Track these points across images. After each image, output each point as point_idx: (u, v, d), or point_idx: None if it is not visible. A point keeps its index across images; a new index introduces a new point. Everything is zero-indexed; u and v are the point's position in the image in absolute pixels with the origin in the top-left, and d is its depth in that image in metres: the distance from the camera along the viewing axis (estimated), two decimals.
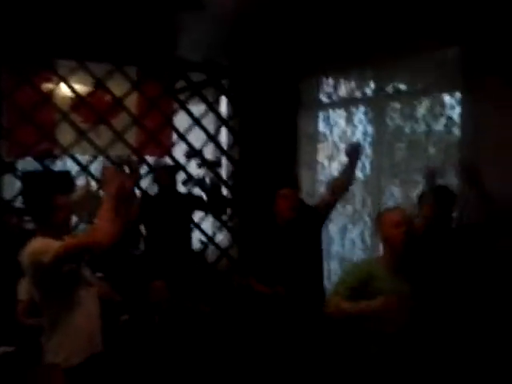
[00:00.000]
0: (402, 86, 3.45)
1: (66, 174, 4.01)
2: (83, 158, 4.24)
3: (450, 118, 3.08)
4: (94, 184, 4.14)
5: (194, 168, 4.66)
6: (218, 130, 4.81)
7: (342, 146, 3.86)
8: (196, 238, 4.58)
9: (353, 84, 3.80)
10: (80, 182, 4.14)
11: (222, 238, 5.02)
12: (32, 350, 2.68)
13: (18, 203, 4.06)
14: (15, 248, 3.33)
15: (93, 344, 2.47)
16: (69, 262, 2.32)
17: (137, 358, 3.01)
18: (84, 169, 4.15)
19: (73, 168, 4.29)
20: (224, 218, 4.78)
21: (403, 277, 2.46)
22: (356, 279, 2.42)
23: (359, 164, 3.29)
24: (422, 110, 3.23)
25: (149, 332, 3.21)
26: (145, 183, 4.57)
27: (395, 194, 3.48)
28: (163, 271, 3.52)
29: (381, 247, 2.60)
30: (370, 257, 3.46)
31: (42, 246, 2.30)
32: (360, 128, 3.69)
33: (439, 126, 3.12)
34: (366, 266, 2.53)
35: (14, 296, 3.07)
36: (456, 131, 3.03)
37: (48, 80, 4.00)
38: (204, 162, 4.65)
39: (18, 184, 4.25)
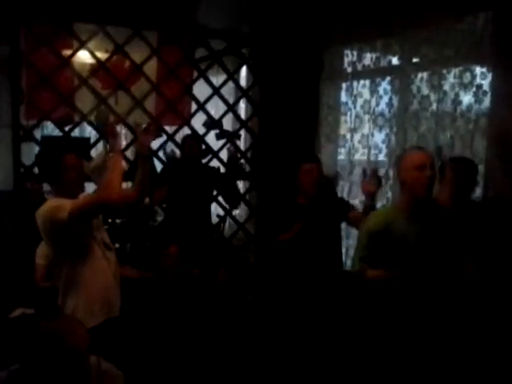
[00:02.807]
0: (430, 55, 3.31)
1: (84, 140, 4.00)
2: None
3: (479, 87, 2.95)
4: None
5: (212, 139, 4.61)
6: (237, 101, 4.73)
7: (366, 118, 3.77)
8: (213, 212, 4.55)
9: (378, 53, 3.67)
10: (98, 149, 4.13)
11: (238, 212, 4.98)
12: (51, 313, 2.69)
13: (37, 169, 4.08)
14: (34, 214, 3.33)
15: (109, 308, 2.47)
16: (83, 220, 2.32)
17: (150, 324, 3.01)
18: (103, 136, 4.12)
19: (92, 135, 4.28)
20: (242, 190, 4.75)
21: (422, 221, 2.35)
22: (372, 236, 2.37)
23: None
24: (450, 78, 3.10)
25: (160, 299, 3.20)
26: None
27: None
28: (179, 239, 3.49)
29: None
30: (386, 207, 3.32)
31: (56, 204, 2.31)
32: (385, 99, 3.58)
33: (468, 95, 3.00)
34: (381, 217, 2.43)
35: (32, 261, 3.09)
36: (486, 101, 2.91)
37: (67, 44, 3.94)
38: (223, 133, 4.60)
39: (37, 150, 4.25)
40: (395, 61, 3.56)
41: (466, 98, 3.01)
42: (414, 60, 3.42)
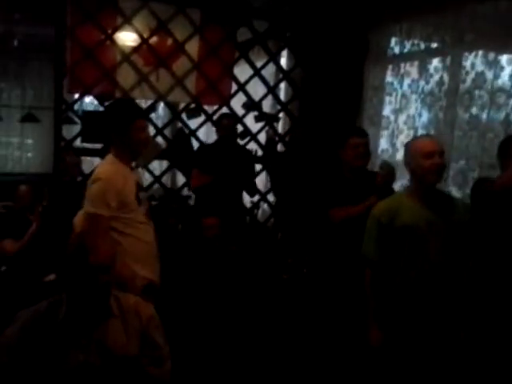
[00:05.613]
0: (485, 31, 3.15)
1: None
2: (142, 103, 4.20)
3: None
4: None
5: (251, 121, 4.55)
6: (278, 83, 4.66)
7: (413, 98, 3.63)
8: (246, 199, 4.46)
9: (429, 30, 3.53)
10: None
11: (272, 199, 4.89)
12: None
13: (77, 143, 4.11)
14: (73, 185, 3.30)
15: (149, 273, 2.43)
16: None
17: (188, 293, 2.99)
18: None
19: None
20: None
21: (433, 207, 2.25)
22: (376, 224, 2.30)
23: None
24: (507, 53, 2.94)
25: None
26: (201, 132, 4.54)
27: (470, 148, 3.22)
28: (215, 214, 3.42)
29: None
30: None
31: (108, 185, 2.30)
32: (436, 77, 3.42)
33: None
34: (386, 205, 2.34)
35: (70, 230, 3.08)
36: None
37: (111, 19, 3.94)
38: (262, 116, 4.53)
39: (76, 126, 4.28)
40: (448, 38, 3.41)
41: None
42: (469, 37, 3.25)
